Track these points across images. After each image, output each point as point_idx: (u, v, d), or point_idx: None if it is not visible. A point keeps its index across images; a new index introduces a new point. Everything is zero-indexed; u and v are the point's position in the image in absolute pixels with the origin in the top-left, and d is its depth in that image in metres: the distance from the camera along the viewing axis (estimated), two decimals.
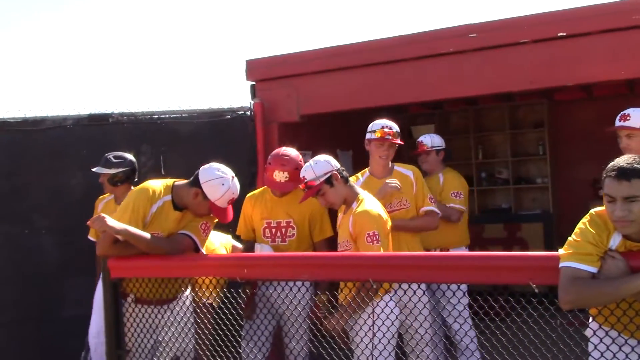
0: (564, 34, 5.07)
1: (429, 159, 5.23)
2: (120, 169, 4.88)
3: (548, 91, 7.70)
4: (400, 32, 6.22)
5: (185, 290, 3.81)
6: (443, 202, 4.92)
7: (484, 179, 8.78)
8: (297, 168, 4.26)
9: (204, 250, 3.74)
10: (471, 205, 8.54)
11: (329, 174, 3.76)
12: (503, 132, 8.61)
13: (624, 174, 2.37)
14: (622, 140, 3.90)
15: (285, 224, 4.31)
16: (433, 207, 4.37)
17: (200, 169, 3.68)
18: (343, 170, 3.83)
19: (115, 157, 4.91)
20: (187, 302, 3.79)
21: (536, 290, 2.54)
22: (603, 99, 7.87)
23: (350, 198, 3.79)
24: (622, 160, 2.43)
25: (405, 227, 4.24)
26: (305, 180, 3.82)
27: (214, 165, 3.71)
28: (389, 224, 3.73)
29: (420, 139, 5.36)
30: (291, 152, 4.40)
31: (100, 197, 5.20)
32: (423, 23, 32.40)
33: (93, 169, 4.91)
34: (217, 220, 3.76)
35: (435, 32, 5.67)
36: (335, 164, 3.82)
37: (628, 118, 3.89)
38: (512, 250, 7.67)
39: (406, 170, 4.37)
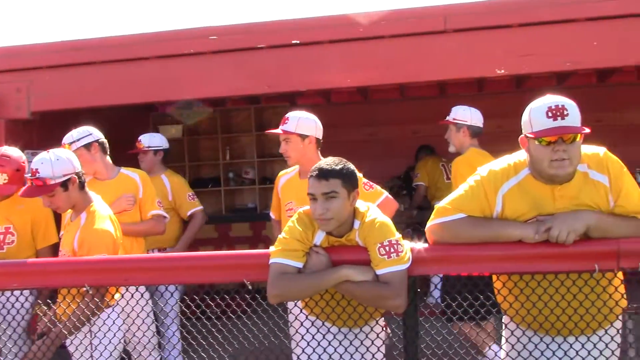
0: (298, 41, 5.37)
1: (146, 158, 5.16)
2: None
3: (290, 95, 8.07)
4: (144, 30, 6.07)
5: None
6: (182, 208, 4.95)
7: (231, 179, 8.95)
8: (19, 169, 3.96)
9: None
10: (218, 205, 8.73)
11: (68, 177, 3.35)
12: (250, 134, 8.85)
13: (323, 173, 2.58)
14: (281, 145, 3.90)
15: (3, 230, 3.97)
16: (160, 212, 4.36)
17: None
18: (83, 174, 3.50)
19: None
20: None
21: (249, 287, 2.65)
22: (340, 105, 8.48)
23: (81, 205, 3.45)
24: (323, 162, 2.65)
25: (133, 232, 4.16)
26: (38, 175, 3.32)
27: None
28: (119, 233, 3.55)
29: (140, 138, 5.28)
30: (12, 152, 4.05)
31: None
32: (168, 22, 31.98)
33: None
34: None
35: (177, 32, 5.67)
36: (77, 164, 3.44)
37: (286, 121, 3.88)
38: (257, 248, 7.92)
39: (132, 173, 4.30)
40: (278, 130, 3.92)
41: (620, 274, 2.60)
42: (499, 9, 5.22)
